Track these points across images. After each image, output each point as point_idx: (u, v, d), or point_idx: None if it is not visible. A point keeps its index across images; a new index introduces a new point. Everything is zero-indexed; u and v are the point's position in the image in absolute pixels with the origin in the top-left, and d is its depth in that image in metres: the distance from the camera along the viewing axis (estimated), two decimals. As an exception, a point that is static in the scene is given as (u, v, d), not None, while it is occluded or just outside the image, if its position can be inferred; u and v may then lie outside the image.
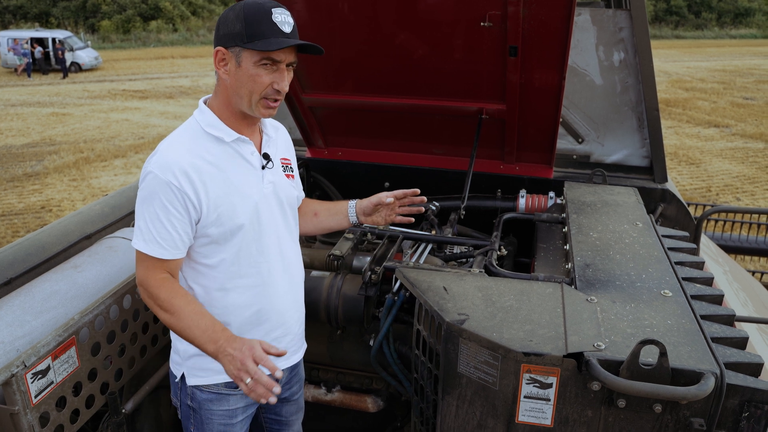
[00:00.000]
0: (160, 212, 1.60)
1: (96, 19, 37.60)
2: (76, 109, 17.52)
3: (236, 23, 1.59)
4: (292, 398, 2.03)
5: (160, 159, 1.61)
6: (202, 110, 1.72)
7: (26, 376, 1.58)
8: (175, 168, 1.60)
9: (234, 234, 1.70)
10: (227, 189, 1.67)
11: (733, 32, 44.33)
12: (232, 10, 1.61)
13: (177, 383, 1.84)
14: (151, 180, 1.60)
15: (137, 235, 1.65)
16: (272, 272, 1.81)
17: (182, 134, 1.69)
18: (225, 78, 1.65)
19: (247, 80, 1.63)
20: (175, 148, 1.64)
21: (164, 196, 1.59)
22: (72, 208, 9.54)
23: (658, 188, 3.15)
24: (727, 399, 1.53)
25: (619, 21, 3.07)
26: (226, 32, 1.61)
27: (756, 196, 10.80)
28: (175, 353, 1.83)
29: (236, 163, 1.72)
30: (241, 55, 1.61)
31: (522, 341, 1.64)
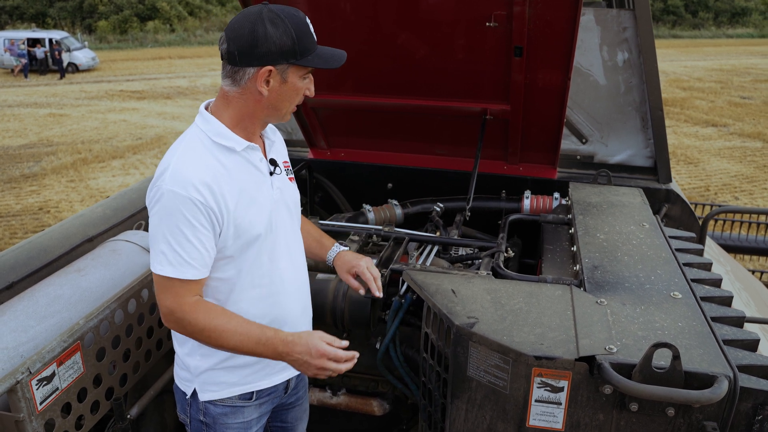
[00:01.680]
0: (186, 230, 1.51)
1: (93, 20, 37.48)
2: (73, 110, 17.47)
3: (285, 39, 1.52)
4: (297, 403, 2.01)
5: (176, 175, 1.51)
6: (207, 119, 1.62)
7: (31, 382, 1.56)
8: (195, 181, 1.51)
9: (250, 245, 1.64)
10: (243, 200, 1.61)
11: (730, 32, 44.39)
12: (273, 24, 1.50)
13: (186, 399, 1.77)
14: (171, 198, 1.50)
15: (160, 261, 1.53)
16: (283, 279, 1.77)
17: (191, 146, 1.59)
18: (263, 93, 1.56)
19: (292, 94, 1.61)
20: (189, 161, 1.54)
21: (188, 212, 1.50)
22: (70, 209, 9.50)
23: (662, 188, 3.14)
24: (741, 402, 1.52)
25: (623, 21, 3.05)
26: (274, 50, 1.51)
27: (754, 195, 10.81)
28: (184, 370, 1.75)
29: (248, 171, 1.65)
30: (287, 71, 1.56)
31: (533, 345, 1.63)
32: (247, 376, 1.75)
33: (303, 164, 3.48)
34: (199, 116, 1.64)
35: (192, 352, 1.71)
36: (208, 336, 1.56)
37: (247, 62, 1.53)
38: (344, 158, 3.58)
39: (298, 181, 3.07)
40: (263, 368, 1.77)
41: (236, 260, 1.65)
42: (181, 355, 1.75)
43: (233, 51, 1.53)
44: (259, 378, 1.77)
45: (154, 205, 1.54)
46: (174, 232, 1.51)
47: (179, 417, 1.85)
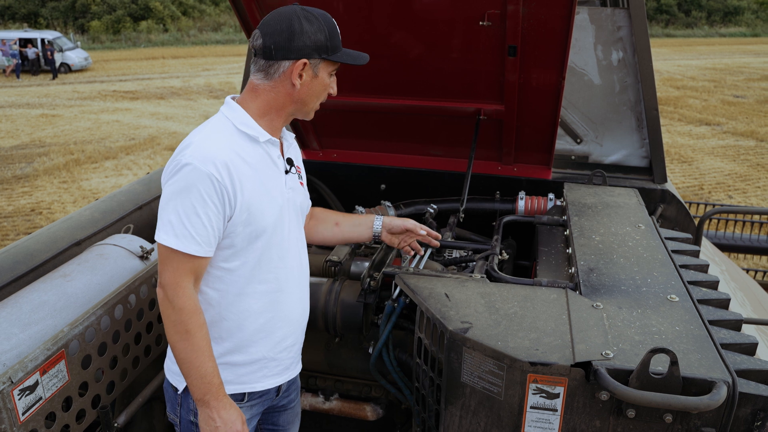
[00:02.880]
0: (197, 205, 1.53)
1: (85, 20, 37.32)
2: (65, 111, 17.37)
3: (319, 35, 1.61)
4: (289, 406, 1.98)
5: (198, 151, 1.54)
6: (233, 108, 1.66)
7: (13, 392, 1.51)
8: (216, 160, 1.54)
9: (258, 237, 1.66)
10: (258, 189, 1.63)
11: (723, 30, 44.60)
12: (308, 21, 1.61)
13: (176, 397, 1.75)
14: (189, 171, 1.52)
15: (165, 230, 1.54)
16: (289, 279, 1.78)
17: (215, 129, 1.63)
18: (296, 87, 1.64)
19: (320, 90, 1.69)
20: (212, 141, 1.58)
21: (203, 188, 1.52)
22: (62, 211, 9.43)
23: (657, 189, 3.12)
24: (739, 408, 1.49)
25: (617, 20, 3.03)
26: (309, 44, 1.61)
27: (748, 193, 10.84)
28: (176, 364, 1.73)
29: (266, 164, 1.68)
30: (319, 66, 1.65)
31: (528, 350, 1.60)
32: (242, 376, 1.73)
33: None
34: (225, 106, 1.69)
35: None
36: (175, 329, 1.56)
37: (283, 55, 1.60)
38: (336, 159, 3.55)
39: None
40: (260, 369, 1.76)
41: (243, 252, 1.65)
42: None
43: (269, 45, 1.60)
44: (254, 379, 1.76)
45: (170, 177, 1.55)
46: (185, 205, 1.53)
47: (168, 417, 1.82)
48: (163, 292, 1.57)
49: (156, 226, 1.59)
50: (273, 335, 1.76)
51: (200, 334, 1.57)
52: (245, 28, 2.89)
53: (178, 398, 1.74)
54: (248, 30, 2.90)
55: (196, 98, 19.12)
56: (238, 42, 35.75)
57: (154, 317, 2.16)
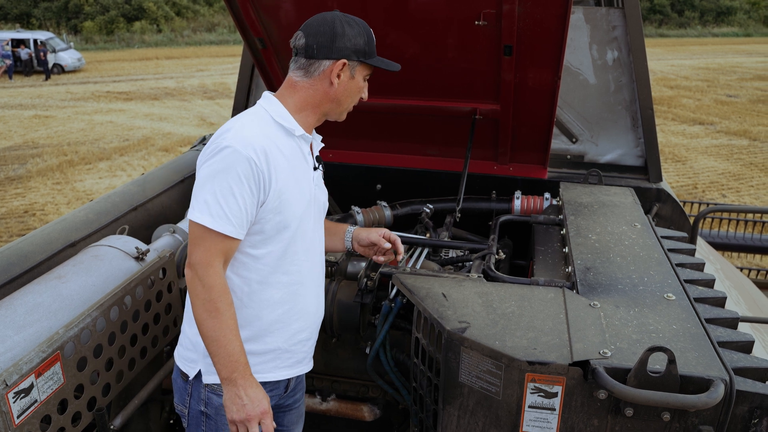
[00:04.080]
0: (234, 186, 1.56)
1: (78, 20, 37.16)
2: (59, 112, 17.28)
3: (359, 39, 1.71)
4: (294, 406, 1.97)
5: (238, 135, 1.59)
6: (272, 101, 1.72)
7: (8, 395, 1.50)
8: (256, 145, 1.59)
9: (287, 226, 1.69)
10: (291, 180, 1.68)
11: (716, 30, 44.81)
12: (349, 25, 1.69)
13: (186, 387, 1.75)
14: (230, 154, 1.57)
15: (201, 209, 1.57)
16: (311, 273, 1.82)
17: (254, 118, 1.68)
18: (335, 86, 1.70)
19: (356, 91, 1.78)
20: (252, 127, 1.64)
21: (242, 170, 1.57)
22: (56, 212, 9.38)
23: (653, 188, 3.13)
24: (737, 406, 1.50)
25: (612, 19, 3.04)
26: (349, 46, 1.69)
27: (741, 192, 10.88)
28: (190, 350, 1.73)
29: (298, 157, 1.73)
30: (356, 68, 1.73)
31: (526, 349, 1.60)
32: (255, 365, 1.73)
33: None
34: (263, 99, 1.75)
35: None
36: (204, 307, 1.58)
37: (325, 55, 1.68)
38: (332, 159, 3.54)
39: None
40: (273, 360, 1.78)
41: (271, 240, 1.69)
42: (190, 335, 1.74)
43: (312, 44, 1.68)
44: (266, 369, 1.77)
45: (209, 158, 1.59)
46: (222, 186, 1.56)
47: (176, 408, 1.81)
48: (192, 272, 1.59)
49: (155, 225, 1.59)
50: (290, 327, 1.78)
51: (229, 313, 1.59)
52: (240, 28, 2.88)
53: (188, 388, 1.75)
54: (243, 30, 2.89)
55: (190, 99, 19.06)
56: (232, 42, 35.66)
57: (150, 318, 2.15)
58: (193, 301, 1.61)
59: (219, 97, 19.21)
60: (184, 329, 1.78)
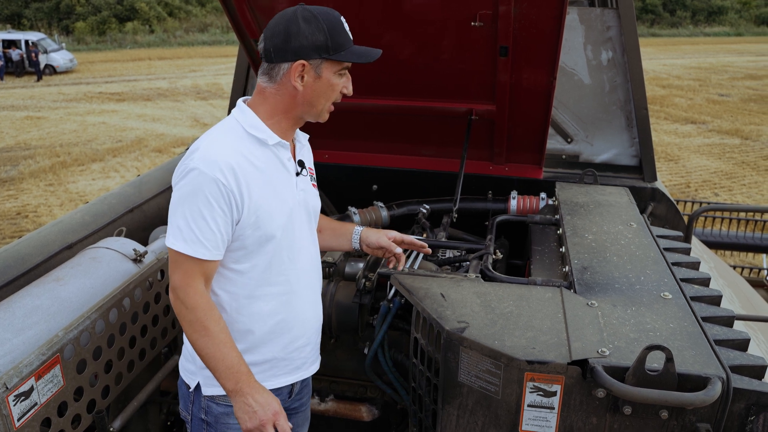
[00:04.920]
0: (204, 209, 1.54)
1: (70, 21, 36.95)
2: (51, 113, 17.18)
3: (318, 35, 1.59)
4: (300, 409, 1.97)
5: (204, 155, 1.56)
6: (244, 111, 1.67)
7: (8, 398, 1.50)
8: (222, 164, 1.55)
9: (269, 239, 1.66)
10: (267, 192, 1.64)
11: (707, 30, 45.05)
12: (306, 22, 1.58)
13: (189, 395, 1.75)
14: (196, 176, 1.54)
15: (175, 235, 1.57)
16: (300, 281, 1.78)
17: (223, 132, 1.64)
18: (298, 89, 1.62)
19: (327, 90, 1.65)
20: (219, 145, 1.59)
21: (210, 192, 1.54)
22: (49, 214, 9.33)
23: (647, 187, 3.14)
24: (734, 403, 1.51)
25: (606, 20, 3.05)
26: (306, 44, 1.58)
27: (733, 191, 10.94)
28: (189, 362, 1.74)
29: (275, 167, 1.69)
30: (321, 66, 1.62)
31: (525, 349, 1.61)
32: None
33: None
34: (236, 109, 1.70)
35: None
36: (195, 329, 1.58)
37: (282, 57, 1.60)
38: (328, 160, 3.54)
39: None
40: (270, 368, 1.76)
41: (254, 255, 1.66)
42: (189, 347, 1.73)
43: (269, 48, 1.61)
44: (264, 378, 1.75)
45: (178, 181, 1.57)
46: (193, 209, 1.55)
47: (180, 414, 1.82)
48: (174, 295, 1.59)
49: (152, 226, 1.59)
50: (284, 336, 1.77)
51: (218, 328, 1.58)
52: (236, 29, 2.88)
53: (190, 396, 1.75)
54: (239, 31, 2.89)
55: (183, 99, 19.00)
56: (225, 43, 35.57)
57: (149, 320, 2.15)
58: (182, 324, 1.61)
59: (212, 98, 19.16)
60: (185, 340, 1.75)
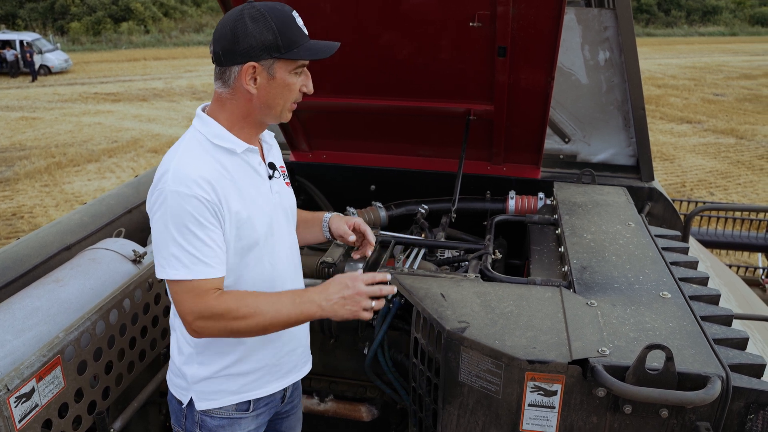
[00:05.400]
0: (196, 229, 1.46)
1: (65, 21, 36.81)
2: (46, 113, 17.13)
3: (266, 34, 1.49)
4: (292, 411, 1.97)
5: (177, 175, 1.47)
6: (206, 122, 1.58)
7: (9, 400, 1.50)
8: (198, 179, 1.47)
9: (250, 250, 1.61)
10: (244, 202, 1.57)
11: (702, 30, 45.20)
12: (253, 21, 1.49)
13: (181, 410, 1.71)
14: (176, 198, 1.45)
15: (173, 265, 1.46)
16: (285, 284, 1.74)
17: (190, 147, 1.55)
18: (252, 92, 1.54)
19: (283, 90, 1.57)
20: (189, 161, 1.51)
21: (195, 210, 1.46)
22: (44, 215, 9.30)
23: (645, 187, 3.16)
24: (733, 402, 1.52)
25: (604, 20, 3.06)
26: (255, 44, 1.49)
27: (729, 190, 10.98)
28: (180, 378, 1.69)
29: (247, 174, 1.62)
30: (274, 66, 1.53)
31: (525, 348, 1.61)
32: (245, 385, 1.70)
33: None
34: (196, 119, 1.61)
35: (189, 360, 1.66)
36: (246, 320, 1.49)
37: (231, 60, 1.52)
38: (326, 160, 3.55)
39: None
40: (263, 376, 1.74)
41: (236, 267, 1.61)
42: (178, 363, 1.68)
43: (218, 51, 1.53)
44: (258, 386, 1.73)
45: (157, 209, 1.48)
46: (183, 232, 1.46)
47: (173, 429, 1.79)
48: (201, 323, 1.49)
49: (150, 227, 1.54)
50: (274, 342, 1.74)
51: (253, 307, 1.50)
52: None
53: (183, 411, 1.71)
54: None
55: (178, 100, 18.96)
56: (221, 43, 35.42)
57: (149, 321, 2.15)
58: (230, 332, 1.53)
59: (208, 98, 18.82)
60: (173, 356, 1.71)
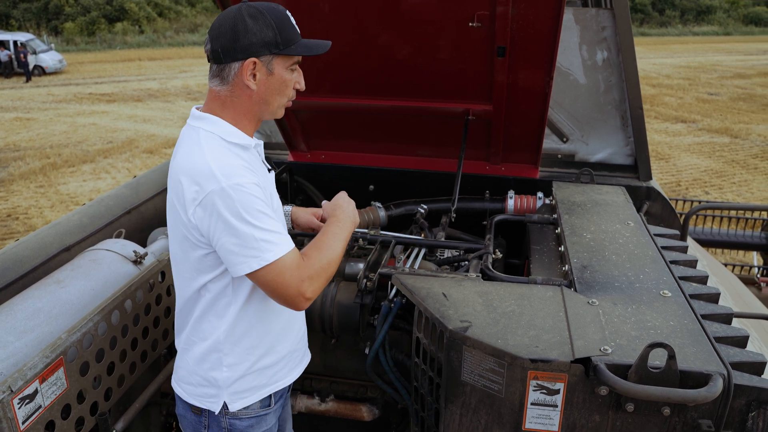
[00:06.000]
0: (265, 210, 1.52)
1: (59, 21, 36.66)
2: (40, 114, 17.05)
3: (266, 30, 1.54)
4: (286, 402, 1.97)
5: (225, 170, 1.49)
6: (213, 121, 1.60)
7: (13, 401, 1.49)
8: (242, 170, 1.52)
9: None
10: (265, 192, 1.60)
11: (696, 29, 45.37)
12: (253, 19, 1.54)
13: (201, 419, 1.70)
14: (237, 191, 1.47)
15: (267, 249, 1.48)
16: None
17: (213, 146, 1.55)
18: (251, 87, 1.58)
19: (280, 86, 1.62)
20: (222, 158, 1.52)
21: (258, 194, 1.52)
22: (40, 216, 9.27)
23: (643, 186, 3.17)
24: (734, 399, 1.53)
25: (601, 20, 3.07)
26: (255, 41, 1.54)
27: (723, 189, 11.03)
28: (206, 386, 1.68)
29: (261, 168, 1.68)
30: (272, 62, 1.58)
31: (528, 347, 1.62)
32: (272, 376, 1.75)
33: (283, 167, 3.44)
34: (200, 120, 1.61)
35: (216, 365, 1.66)
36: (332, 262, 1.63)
37: (231, 57, 1.55)
38: (324, 160, 3.55)
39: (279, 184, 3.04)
40: (286, 365, 1.79)
41: None
42: (202, 373, 1.67)
43: (217, 49, 1.56)
44: (282, 376, 1.78)
45: (224, 209, 1.47)
46: (259, 217, 1.50)
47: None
48: (309, 289, 1.55)
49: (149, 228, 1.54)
50: (293, 327, 1.80)
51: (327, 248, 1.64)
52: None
53: (204, 420, 1.70)
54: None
55: (173, 100, 18.91)
56: (216, 43, 35.36)
57: (150, 322, 2.14)
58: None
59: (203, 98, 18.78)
60: (190, 368, 1.70)
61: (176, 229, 1.60)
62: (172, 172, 1.59)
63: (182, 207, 1.53)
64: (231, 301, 1.62)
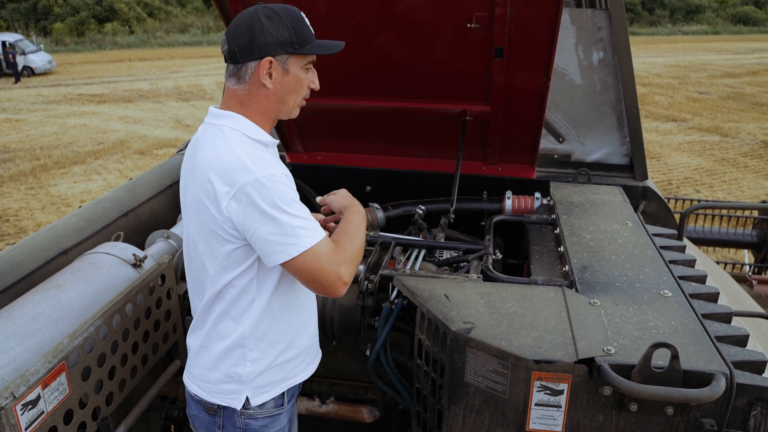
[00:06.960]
0: (298, 198, 1.57)
1: (48, 22, 36.39)
2: (30, 115, 16.92)
3: (282, 31, 1.59)
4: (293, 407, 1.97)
5: (257, 162, 1.52)
6: (235, 119, 1.62)
7: (16, 407, 1.48)
8: (272, 161, 1.58)
9: None
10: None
11: (685, 29, 45.69)
12: (269, 19, 1.58)
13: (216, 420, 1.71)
14: (272, 181, 1.51)
15: (304, 235, 1.52)
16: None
17: (241, 142, 1.58)
18: (268, 86, 1.62)
19: (295, 85, 1.66)
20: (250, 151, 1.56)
21: (290, 184, 1.57)
22: (30, 218, 9.20)
23: (639, 186, 3.19)
24: (737, 398, 1.55)
25: (597, 20, 3.09)
26: (272, 41, 1.58)
27: (714, 188, 11.11)
28: (229, 382, 1.68)
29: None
30: (288, 61, 1.62)
31: (531, 348, 1.62)
32: (291, 370, 1.77)
33: None
34: (221, 118, 1.63)
35: (240, 360, 1.67)
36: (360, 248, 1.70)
37: (248, 57, 1.59)
38: (321, 162, 3.54)
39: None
40: (303, 359, 1.81)
41: None
42: (224, 369, 1.68)
43: (234, 49, 1.60)
44: (299, 371, 1.80)
45: (259, 200, 1.50)
46: (293, 206, 1.54)
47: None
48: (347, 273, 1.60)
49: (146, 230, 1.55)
50: (310, 322, 1.83)
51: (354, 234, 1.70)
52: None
53: (218, 420, 1.71)
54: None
55: (164, 101, 18.82)
56: (206, 44, 35.30)
57: (151, 326, 2.13)
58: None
59: (194, 99, 18.99)
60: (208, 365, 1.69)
61: (203, 226, 1.60)
62: (197, 170, 1.59)
63: (213, 202, 1.54)
64: (255, 297, 1.65)
